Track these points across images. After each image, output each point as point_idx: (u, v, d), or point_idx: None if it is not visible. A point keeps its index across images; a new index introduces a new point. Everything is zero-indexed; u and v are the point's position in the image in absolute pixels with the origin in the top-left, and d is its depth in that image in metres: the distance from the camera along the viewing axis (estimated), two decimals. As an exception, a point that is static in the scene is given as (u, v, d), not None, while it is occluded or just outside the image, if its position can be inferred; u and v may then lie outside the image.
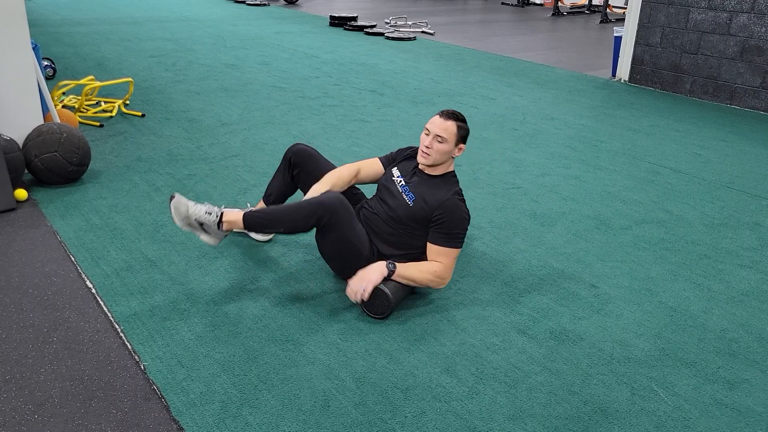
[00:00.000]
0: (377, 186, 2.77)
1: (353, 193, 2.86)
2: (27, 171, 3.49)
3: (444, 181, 2.58)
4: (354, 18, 10.08)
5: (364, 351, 2.27)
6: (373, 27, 9.74)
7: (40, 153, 3.42)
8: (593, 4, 13.59)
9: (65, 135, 3.49)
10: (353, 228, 2.49)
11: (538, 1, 14.79)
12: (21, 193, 3.31)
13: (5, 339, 2.25)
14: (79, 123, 4.58)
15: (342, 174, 2.75)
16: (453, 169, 2.64)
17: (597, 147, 4.68)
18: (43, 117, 3.79)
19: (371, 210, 2.67)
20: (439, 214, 2.48)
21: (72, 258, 2.81)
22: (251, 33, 9.01)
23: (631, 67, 6.86)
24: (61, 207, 3.29)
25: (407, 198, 2.57)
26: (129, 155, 4.07)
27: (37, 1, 11.19)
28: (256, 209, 2.55)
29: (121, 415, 1.93)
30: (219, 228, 2.44)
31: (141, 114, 4.91)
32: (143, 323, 2.36)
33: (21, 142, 3.52)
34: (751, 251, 3.16)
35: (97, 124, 4.62)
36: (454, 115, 2.54)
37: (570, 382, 2.16)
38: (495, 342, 2.35)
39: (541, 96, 6.16)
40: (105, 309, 2.45)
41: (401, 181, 2.64)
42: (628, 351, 2.34)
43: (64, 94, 5.08)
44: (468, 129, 2.59)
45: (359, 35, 9.36)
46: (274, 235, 3.04)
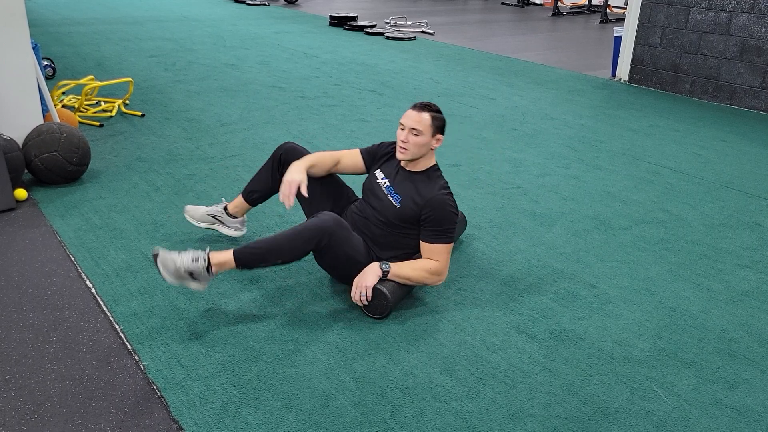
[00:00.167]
0: (363, 189, 2.72)
1: (344, 192, 2.82)
2: (27, 171, 3.49)
3: (428, 177, 2.55)
4: (354, 18, 10.08)
5: (363, 351, 2.27)
6: (373, 27, 9.74)
7: (39, 153, 3.42)
8: (593, 4, 13.59)
9: (65, 135, 3.49)
10: (351, 243, 2.46)
11: (537, 1, 14.79)
12: (21, 193, 3.31)
13: (5, 339, 2.25)
14: (79, 123, 4.58)
15: (324, 157, 2.70)
16: (435, 162, 2.60)
17: (597, 147, 4.68)
18: (43, 117, 3.79)
19: (360, 214, 2.64)
20: (427, 212, 2.46)
21: (72, 258, 2.81)
22: (251, 33, 9.01)
23: (631, 67, 6.86)
24: (61, 207, 3.29)
25: (393, 200, 2.54)
26: (129, 155, 4.07)
27: (37, 1, 11.19)
28: (246, 246, 2.37)
29: (121, 415, 1.93)
30: (209, 273, 2.30)
31: (141, 114, 4.91)
32: (143, 323, 2.37)
33: (21, 141, 3.52)
34: (751, 251, 3.16)
35: (97, 123, 4.62)
36: (427, 107, 2.48)
37: (570, 382, 2.16)
38: (495, 342, 2.35)
39: (541, 96, 6.16)
40: (105, 309, 2.45)
41: (386, 183, 2.61)
42: (627, 351, 2.34)
43: (63, 93, 5.08)
44: (443, 119, 2.54)
45: (359, 35, 9.36)
46: (246, 231, 3.00)
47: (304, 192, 2.49)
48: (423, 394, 2.07)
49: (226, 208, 2.92)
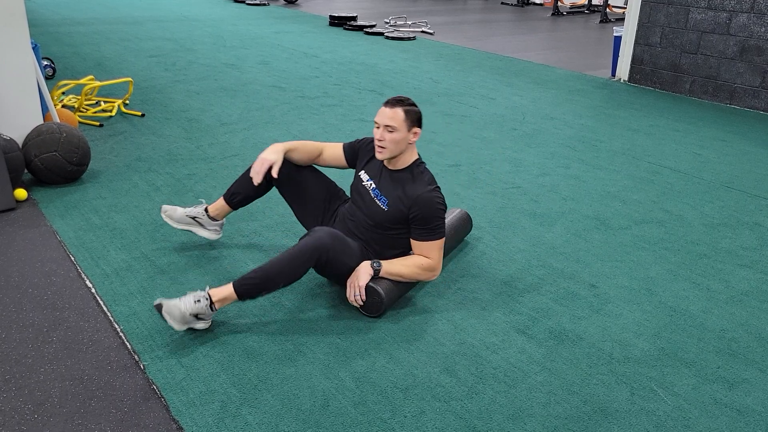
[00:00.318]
0: (350, 191, 2.70)
1: (336, 193, 2.79)
2: (27, 171, 3.49)
3: (412, 174, 2.50)
4: (354, 18, 10.08)
5: (363, 350, 2.27)
6: (373, 27, 9.73)
7: (39, 153, 3.42)
8: (593, 3, 13.58)
9: (65, 135, 3.49)
10: (348, 253, 2.45)
11: (537, 1, 14.78)
12: (21, 193, 3.31)
13: (5, 339, 2.25)
14: (79, 123, 4.58)
15: (306, 146, 2.69)
16: (417, 156, 2.54)
17: (596, 147, 4.68)
18: (43, 117, 3.79)
19: (352, 218, 2.62)
20: (415, 211, 2.44)
21: (72, 258, 2.81)
22: (251, 33, 9.01)
23: (631, 67, 6.86)
24: (61, 207, 3.29)
25: (380, 203, 2.51)
26: (129, 155, 4.07)
27: (37, 1, 11.19)
28: (244, 277, 2.31)
29: (121, 415, 1.93)
30: (212, 310, 2.28)
31: (141, 114, 4.91)
32: (143, 323, 2.37)
33: (21, 141, 3.52)
34: (751, 251, 3.16)
35: (97, 123, 4.62)
36: (399, 101, 2.42)
37: (570, 381, 2.16)
38: (494, 342, 2.35)
39: (541, 96, 6.16)
40: (105, 309, 2.45)
41: (371, 185, 2.57)
42: (627, 351, 2.34)
43: (63, 93, 5.08)
44: (418, 111, 2.47)
45: (359, 35, 9.36)
46: (222, 234, 2.95)
47: (274, 173, 2.51)
48: (423, 393, 2.07)
49: (206, 210, 2.84)
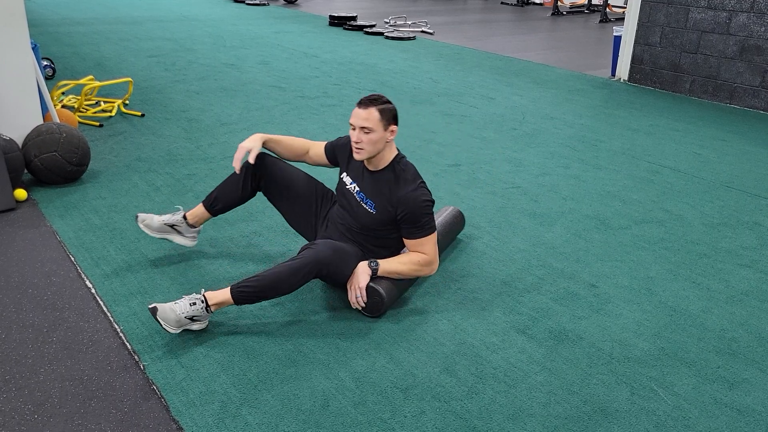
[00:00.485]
0: (336, 194, 2.68)
1: (324, 193, 2.77)
2: (26, 171, 3.49)
3: (394, 173, 2.48)
4: (353, 18, 10.08)
5: (363, 350, 2.27)
6: (373, 26, 9.73)
7: (39, 153, 3.42)
8: (593, 3, 13.58)
9: (65, 135, 3.49)
10: (348, 262, 2.44)
11: (537, 1, 14.78)
12: (20, 193, 3.31)
13: (5, 339, 2.25)
14: (79, 123, 4.58)
15: (293, 141, 2.73)
16: (396, 152, 2.51)
17: (596, 146, 4.68)
18: (43, 117, 3.79)
19: (342, 222, 2.60)
20: (402, 211, 2.43)
21: (72, 258, 2.81)
22: (251, 33, 9.01)
23: (631, 67, 6.86)
24: (61, 207, 3.29)
25: (368, 206, 2.50)
26: (128, 155, 4.07)
27: (37, 1, 11.18)
28: (242, 283, 2.30)
29: (121, 415, 1.93)
30: (207, 312, 2.28)
31: (140, 114, 4.91)
32: (143, 323, 2.37)
33: (20, 142, 3.52)
34: (751, 250, 3.16)
35: (97, 124, 4.62)
36: (373, 101, 2.38)
37: (569, 381, 2.16)
38: (494, 342, 2.35)
39: (541, 95, 6.16)
40: (105, 309, 2.45)
41: (355, 188, 2.55)
42: (627, 350, 2.34)
43: (63, 93, 5.08)
44: (393, 108, 2.42)
45: (359, 35, 9.36)
46: (197, 240, 2.88)
47: (251, 159, 2.56)
48: (423, 394, 2.07)
49: (185, 217, 2.76)
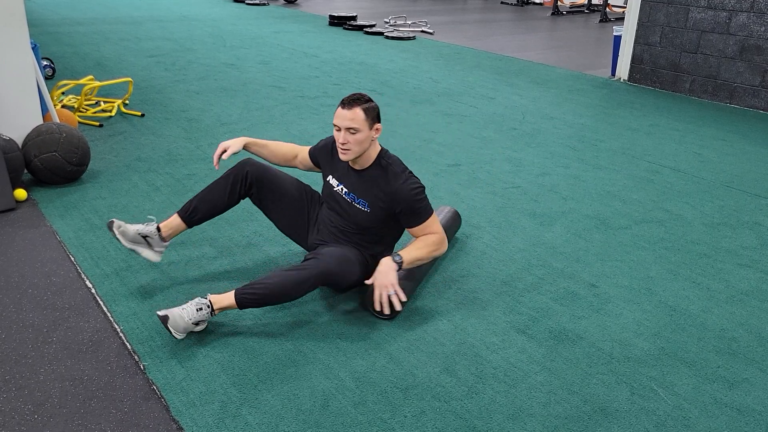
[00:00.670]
0: (324, 198, 2.67)
1: (311, 196, 2.75)
2: (26, 171, 3.48)
3: (382, 169, 2.47)
4: (353, 17, 10.08)
5: (363, 350, 2.27)
6: (373, 26, 9.73)
7: (39, 153, 3.42)
8: (593, 3, 13.58)
9: (64, 135, 3.49)
10: (353, 270, 2.44)
11: (537, 1, 14.78)
12: (20, 193, 3.31)
13: (5, 339, 2.25)
14: (79, 123, 4.58)
15: (281, 146, 2.77)
16: (380, 148, 2.51)
17: (596, 146, 4.68)
18: (43, 117, 3.79)
19: (334, 225, 2.58)
20: (399, 206, 2.44)
21: (72, 258, 2.81)
22: (251, 32, 9.01)
23: (631, 67, 6.86)
24: (61, 207, 3.29)
25: (360, 206, 2.49)
26: (128, 155, 4.07)
27: (37, 1, 11.18)
28: (247, 288, 2.30)
29: (121, 415, 1.93)
30: (211, 315, 2.29)
31: (140, 114, 4.91)
32: (143, 323, 2.36)
33: (20, 142, 3.52)
34: (751, 250, 3.16)
35: (97, 123, 4.62)
36: (356, 101, 2.38)
37: (569, 381, 2.16)
38: (494, 341, 2.35)
39: (541, 95, 6.16)
40: (105, 309, 2.45)
41: (343, 189, 2.54)
42: (627, 350, 2.34)
43: (63, 93, 5.08)
44: (376, 107, 2.42)
45: (359, 35, 9.36)
46: (165, 253, 2.78)
47: (225, 156, 2.58)
48: (423, 393, 2.07)
49: (159, 228, 2.63)
